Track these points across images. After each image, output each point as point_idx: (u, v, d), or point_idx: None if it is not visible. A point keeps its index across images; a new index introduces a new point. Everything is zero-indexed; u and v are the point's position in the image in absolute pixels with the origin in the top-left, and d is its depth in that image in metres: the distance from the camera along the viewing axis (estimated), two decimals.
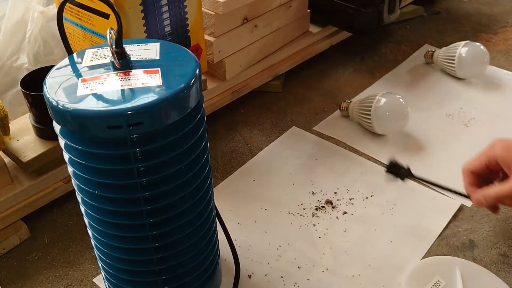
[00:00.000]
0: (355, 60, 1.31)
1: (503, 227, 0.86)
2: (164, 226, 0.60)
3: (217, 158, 1.01)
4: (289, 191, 0.93)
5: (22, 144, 0.85)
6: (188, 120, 0.56)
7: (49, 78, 0.56)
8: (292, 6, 1.13)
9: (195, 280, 0.69)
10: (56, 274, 0.80)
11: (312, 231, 0.85)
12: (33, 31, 1.00)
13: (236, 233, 0.84)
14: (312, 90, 1.20)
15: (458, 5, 1.55)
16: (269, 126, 1.09)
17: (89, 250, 0.83)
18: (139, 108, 0.50)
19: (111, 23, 0.81)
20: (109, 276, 0.68)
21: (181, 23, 0.91)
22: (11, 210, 0.82)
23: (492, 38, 1.39)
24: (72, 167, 0.57)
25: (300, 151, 1.02)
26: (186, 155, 0.58)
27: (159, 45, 0.60)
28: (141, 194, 0.56)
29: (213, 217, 0.69)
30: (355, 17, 1.17)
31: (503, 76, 1.23)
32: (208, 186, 0.64)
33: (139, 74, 0.54)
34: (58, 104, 0.51)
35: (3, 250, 0.83)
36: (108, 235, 0.61)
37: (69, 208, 0.91)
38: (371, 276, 0.78)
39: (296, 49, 1.20)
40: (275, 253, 0.82)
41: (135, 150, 0.53)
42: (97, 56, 0.58)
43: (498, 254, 0.81)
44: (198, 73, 0.56)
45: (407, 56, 1.31)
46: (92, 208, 0.60)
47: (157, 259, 0.63)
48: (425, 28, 1.43)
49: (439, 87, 1.19)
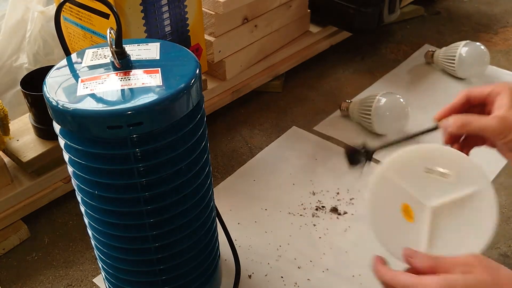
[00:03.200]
0: (355, 60, 1.31)
1: (503, 227, 0.86)
2: (164, 226, 0.60)
3: (217, 158, 1.01)
4: (289, 191, 0.93)
5: (22, 144, 0.85)
6: (188, 120, 0.56)
7: (49, 78, 0.56)
8: (292, 6, 1.13)
9: (195, 280, 0.69)
10: (56, 274, 0.80)
11: (312, 231, 0.85)
12: (33, 31, 1.00)
13: (236, 233, 0.84)
14: (312, 90, 1.20)
15: (458, 5, 1.55)
16: (269, 126, 1.09)
17: (89, 250, 0.83)
18: (139, 108, 0.50)
19: (111, 23, 0.81)
20: (109, 276, 0.68)
21: (181, 23, 0.91)
22: (11, 210, 0.82)
23: (492, 38, 1.39)
24: (72, 167, 0.57)
25: (300, 151, 1.02)
26: (186, 155, 0.58)
27: (159, 45, 0.59)
28: (141, 194, 0.56)
29: (213, 217, 0.69)
30: (355, 17, 1.17)
31: (503, 76, 1.23)
32: (208, 186, 0.64)
33: (139, 74, 0.54)
34: (58, 104, 0.51)
35: (3, 250, 0.83)
36: (108, 235, 0.61)
37: (69, 208, 0.91)
38: (371, 276, 0.78)
39: (296, 49, 1.20)
40: (275, 253, 0.82)
41: (135, 150, 0.53)
42: (97, 56, 0.58)
43: (498, 254, 0.81)
44: (198, 73, 0.55)
45: (407, 56, 1.31)
46: (92, 208, 0.60)
47: (157, 259, 0.63)
48: (425, 28, 1.43)
49: (439, 87, 1.19)
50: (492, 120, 0.58)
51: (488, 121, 0.58)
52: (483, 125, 0.58)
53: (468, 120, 0.59)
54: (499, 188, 0.92)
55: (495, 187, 0.97)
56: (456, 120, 0.59)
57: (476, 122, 0.58)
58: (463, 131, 0.60)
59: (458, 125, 0.59)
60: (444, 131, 0.62)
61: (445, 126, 0.61)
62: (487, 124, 0.58)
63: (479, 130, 0.59)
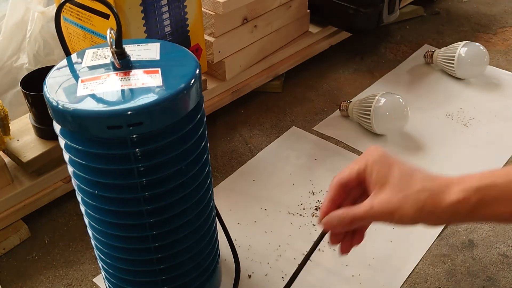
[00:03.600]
0: (355, 60, 1.31)
1: (502, 227, 0.86)
2: (164, 226, 0.60)
3: (217, 158, 1.01)
4: (289, 191, 0.93)
5: (22, 144, 0.85)
6: (188, 120, 0.56)
7: (49, 78, 0.56)
8: (292, 6, 1.13)
9: (195, 280, 0.69)
10: (56, 274, 0.80)
11: (312, 231, 0.85)
12: (33, 32, 1.00)
13: (236, 233, 0.84)
14: (312, 90, 1.20)
15: (457, 5, 1.55)
16: (269, 126, 1.10)
17: (89, 250, 0.83)
18: (139, 108, 0.50)
19: (111, 23, 0.81)
20: (109, 276, 0.68)
21: (181, 23, 0.91)
22: (11, 210, 0.82)
23: (491, 38, 1.39)
24: (72, 167, 0.57)
25: (300, 151, 1.02)
26: (186, 155, 0.58)
27: (159, 45, 0.60)
28: (141, 194, 0.56)
29: (213, 217, 0.70)
30: (355, 17, 1.18)
31: (503, 76, 1.23)
32: (208, 186, 0.64)
33: (139, 74, 0.55)
34: (58, 104, 0.51)
35: (3, 250, 0.83)
36: (108, 235, 0.61)
37: (69, 208, 0.91)
38: (371, 276, 0.78)
39: (296, 49, 1.20)
40: (275, 253, 0.82)
41: (135, 150, 0.53)
42: (97, 56, 0.58)
43: (497, 254, 0.81)
44: (198, 73, 0.56)
45: (406, 56, 1.31)
46: (92, 208, 0.60)
47: (157, 259, 0.63)
48: (424, 28, 1.44)
49: (439, 87, 1.19)
50: (370, 209, 0.55)
51: (366, 212, 0.55)
52: (363, 216, 0.55)
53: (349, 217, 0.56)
54: None
55: None
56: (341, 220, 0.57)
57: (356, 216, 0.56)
58: (352, 228, 0.59)
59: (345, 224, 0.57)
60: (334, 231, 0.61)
61: (330, 227, 0.59)
62: (366, 214, 0.55)
63: (363, 221, 0.56)
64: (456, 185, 0.52)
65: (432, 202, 0.52)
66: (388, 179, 0.54)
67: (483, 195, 0.51)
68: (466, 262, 0.80)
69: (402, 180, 0.54)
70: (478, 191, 0.51)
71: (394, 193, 0.53)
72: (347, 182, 0.58)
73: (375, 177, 0.55)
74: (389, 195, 0.53)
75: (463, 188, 0.51)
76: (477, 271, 0.79)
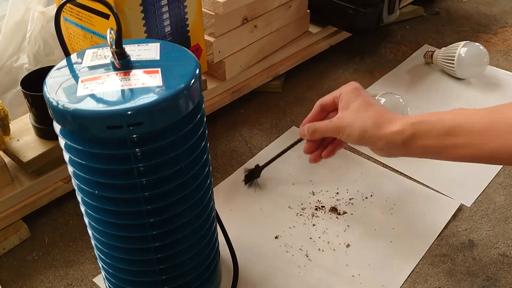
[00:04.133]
0: (355, 60, 1.31)
1: (502, 227, 0.86)
2: (164, 226, 0.60)
3: (217, 158, 1.01)
4: (289, 191, 0.93)
5: (22, 144, 0.85)
6: (188, 120, 0.56)
7: (49, 78, 0.56)
8: (292, 6, 1.14)
9: (195, 280, 0.69)
10: (56, 274, 0.80)
11: (312, 231, 0.85)
12: (33, 32, 1.00)
13: (236, 233, 0.84)
14: (312, 90, 1.20)
15: (457, 5, 1.55)
16: (269, 126, 1.10)
17: (89, 250, 0.84)
18: (139, 108, 0.50)
19: (111, 23, 0.81)
20: (109, 276, 0.68)
21: (181, 23, 0.91)
22: (11, 210, 0.83)
23: (491, 38, 1.39)
24: (72, 167, 0.57)
25: (300, 151, 1.02)
26: (186, 155, 0.58)
27: (159, 45, 0.60)
28: (141, 194, 0.56)
29: (213, 217, 0.70)
30: (355, 17, 1.18)
31: (503, 76, 1.23)
32: (208, 186, 0.64)
33: (139, 74, 0.55)
34: (58, 104, 0.51)
35: (3, 250, 0.83)
36: (108, 235, 0.61)
37: (69, 208, 0.91)
38: (371, 276, 0.78)
39: (296, 49, 1.20)
40: (275, 253, 0.82)
41: (135, 150, 0.53)
42: (97, 56, 0.58)
43: (497, 254, 0.81)
44: (198, 73, 0.56)
45: (406, 56, 1.31)
46: (92, 208, 0.60)
47: (157, 259, 0.63)
48: (424, 28, 1.44)
49: (439, 87, 1.19)
50: (329, 122, 0.69)
51: (326, 124, 0.69)
52: (324, 128, 0.70)
53: (314, 127, 0.71)
54: (498, 188, 0.93)
55: (494, 187, 0.98)
56: (308, 128, 0.72)
57: (319, 126, 0.71)
58: (315, 137, 0.73)
59: (310, 132, 0.72)
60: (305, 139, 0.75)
61: (302, 135, 0.74)
62: (326, 126, 0.70)
63: (323, 132, 0.71)
64: (399, 120, 0.63)
65: (374, 128, 0.63)
66: (351, 104, 0.67)
67: (416, 129, 0.61)
68: (466, 262, 0.80)
69: (360, 107, 0.66)
70: (412, 125, 0.61)
71: (349, 114, 0.66)
72: (326, 104, 0.72)
73: (343, 103, 0.68)
74: (346, 115, 0.67)
75: (403, 122, 0.62)
76: (477, 271, 0.79)
